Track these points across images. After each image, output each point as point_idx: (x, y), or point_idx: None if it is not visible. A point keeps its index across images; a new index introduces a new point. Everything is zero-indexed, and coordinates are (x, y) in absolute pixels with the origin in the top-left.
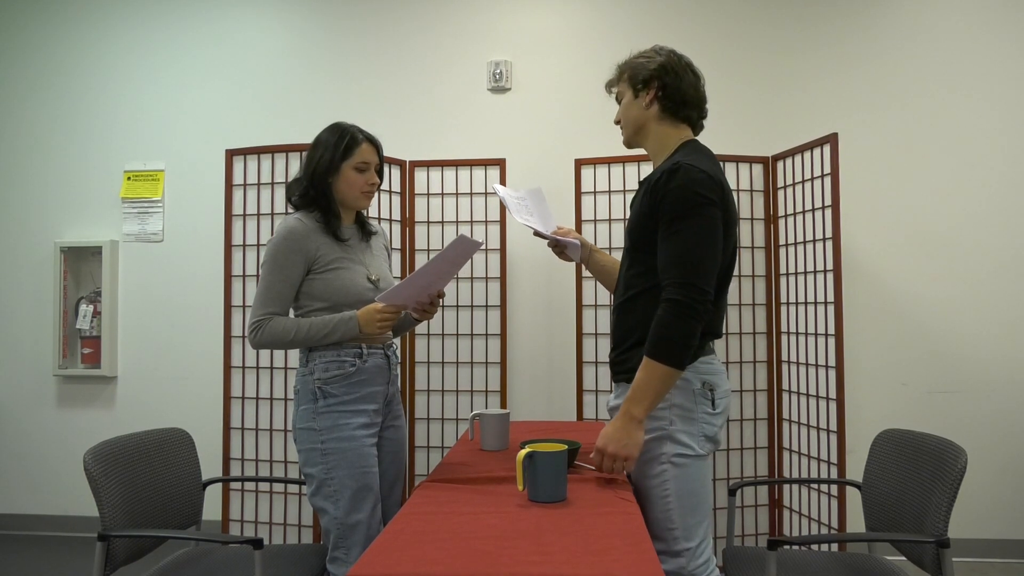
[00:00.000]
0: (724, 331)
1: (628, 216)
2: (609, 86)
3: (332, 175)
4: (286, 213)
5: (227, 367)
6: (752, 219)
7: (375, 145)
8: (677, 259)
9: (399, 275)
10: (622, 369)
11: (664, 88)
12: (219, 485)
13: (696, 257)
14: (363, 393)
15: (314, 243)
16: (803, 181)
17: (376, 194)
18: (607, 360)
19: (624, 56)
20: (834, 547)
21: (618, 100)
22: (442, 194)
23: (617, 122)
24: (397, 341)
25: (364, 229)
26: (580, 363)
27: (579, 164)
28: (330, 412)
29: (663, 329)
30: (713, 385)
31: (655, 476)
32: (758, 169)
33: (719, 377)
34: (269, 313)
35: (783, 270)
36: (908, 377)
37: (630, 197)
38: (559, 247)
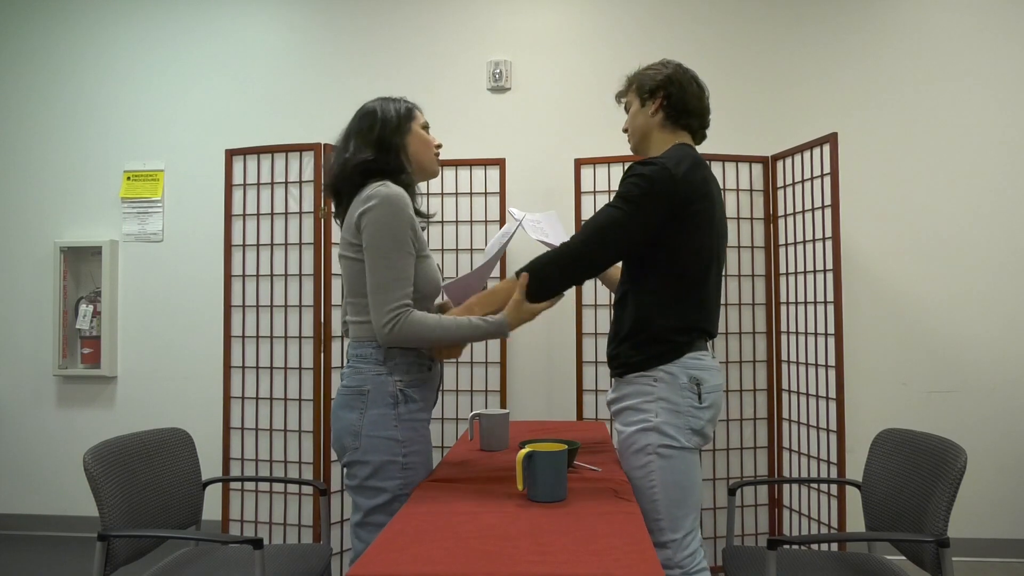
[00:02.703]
0: (721, 331)
1: None
2: (619, 97)
3: (404, 135)
4: (286, 213)
5: (227, 367)
6: (752, 219)
7: (421, 112)
8: (593, 225)
9: None
10: (614, 365)
11: (669, 97)
12: (219, 485)
13: (602, 236)
14: (429, 400)
15: (414, 219)
16: (803, 181)
17: None
18: (606, 359)
19: (626, 57)
20: (834, 547)
21: (627, 110)
22: (442, 194)
23: (625, 130)
24: None
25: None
26: (580, 363)
27: (579, 164)
28: (412, 420)
29: (545, 258)
30: (700, 380)
31: (641, 467)
32: (758, 169)
33: (708, 373)
34: (405, 299)
35: (783, 270)
36: (908, 377)
37: None
38: None
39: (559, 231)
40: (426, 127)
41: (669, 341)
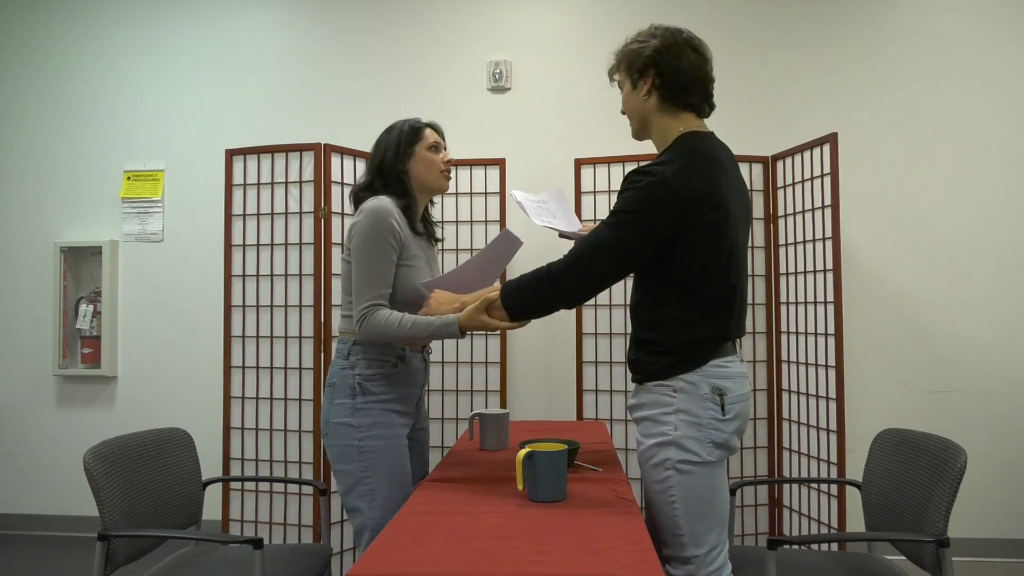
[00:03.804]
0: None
1: None
2: (611, 74)
3: (407, 160)
4: (286, 213)
5: (227, 367)
6: (752, 219)
7: (437, 129)
8: (583, 244)
9: None
10: (633, 370)
11: (661, 75)
12: (219, 485)
13: (586, 256)
14: (400, 394)
15: (402, 228)
16: (803, 181)
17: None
18: (607, 360)
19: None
20: (834, 547)
21: (621, 88)
22: (442, 193)
23: (623, 112)
24: (436, 343)
25: (431, 232)
26: (580, 363)
27: (579, 164)
28: (369, 409)
29: (525, 279)
30: (724, 390)
31: (660, 482)
32: (758, 169)
33: (733, 381)
34: (375, 299)
35: (783, 270)
36: (908, 377)
37: None
38: None
39: (567, 210)
40: (435, 147)
41: (690, 348)
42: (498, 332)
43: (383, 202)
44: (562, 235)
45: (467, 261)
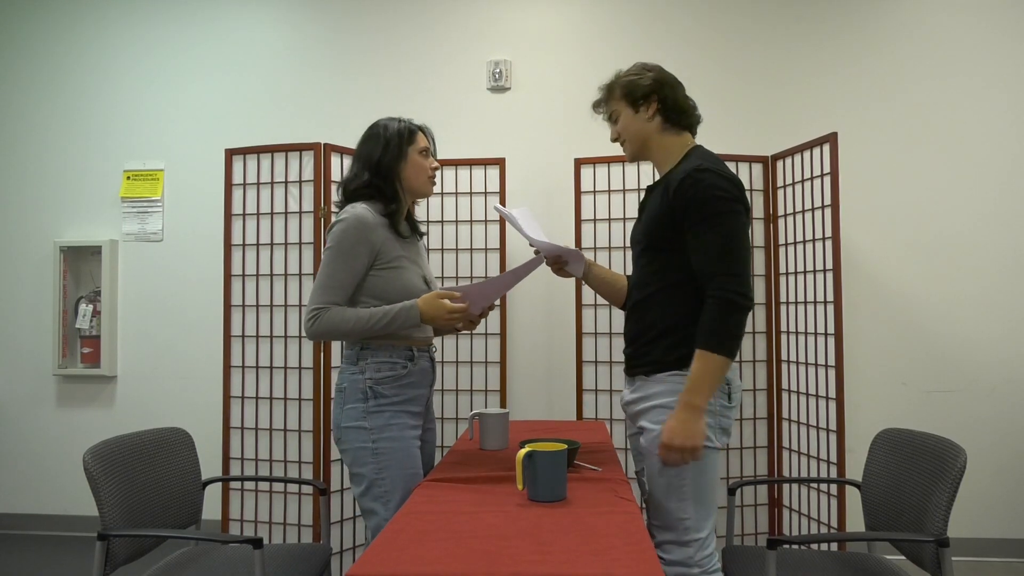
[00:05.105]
0: None
1: (638, 219)
2: (597, 106)
3: (400, 162)
4: (286, 213)
5: (227, 367)
6: (752, 219)
7: (428, 133)
8: (719, 255)
9: None
10: (642, 363)
11: (664, 100)
12: (219, 485)
13: (736, 252)
14: (411, 395)
15: (380, 236)
16: (803, 180)
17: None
18: (607, 359)
19: (626, 57)
20: (834, 546)
21: (611, 119)
22: (442, 193)
23: (614, 140)
24: (437, 342)
25: (415, 228)
26: (580, 362)
27: (579, 164)
28: (381, 412)
29: (716, 322)
30: (729, 380)
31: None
32: (758, 168)
33: (733, 373)
34: (328, 302)
35: (783, 269)
36: (908, 377)
37: (630, 196)
38: (559, 263)
39: (537, 229)
40: (425, 151)
41: None
42: (498, 331)
43: (359, 210)
44: (537, 253)
45: (503, 275)
